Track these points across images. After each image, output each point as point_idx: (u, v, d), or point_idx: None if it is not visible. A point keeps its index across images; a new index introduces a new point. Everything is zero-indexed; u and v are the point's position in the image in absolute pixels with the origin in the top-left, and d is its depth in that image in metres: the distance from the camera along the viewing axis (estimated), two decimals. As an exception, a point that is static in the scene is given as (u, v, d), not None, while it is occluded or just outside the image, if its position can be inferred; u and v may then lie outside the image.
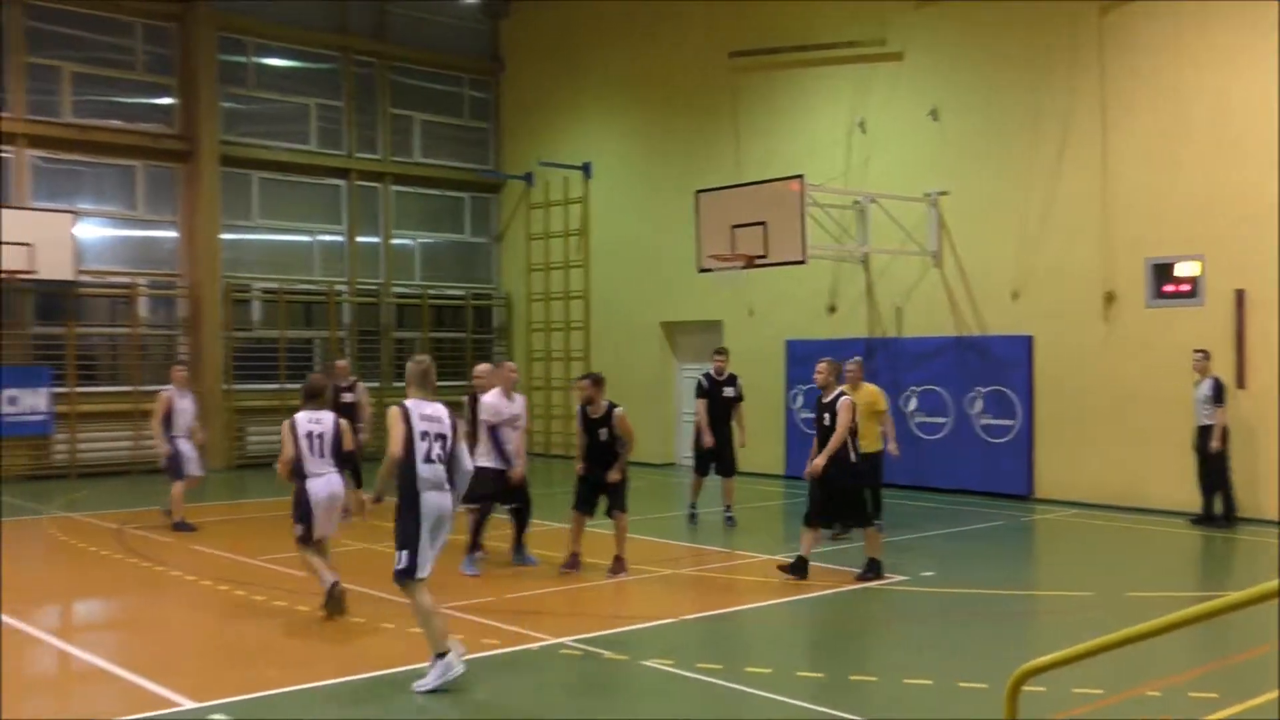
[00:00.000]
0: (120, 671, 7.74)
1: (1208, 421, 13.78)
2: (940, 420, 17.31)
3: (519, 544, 11.62)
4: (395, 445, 7.49)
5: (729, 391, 14.44)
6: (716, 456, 14.30)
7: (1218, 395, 13.73)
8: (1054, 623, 9.59)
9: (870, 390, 12.92)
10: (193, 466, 14.13)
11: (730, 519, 14.29)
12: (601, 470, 10.95)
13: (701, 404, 14.40)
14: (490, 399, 11.27)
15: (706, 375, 14.60)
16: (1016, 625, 9.46)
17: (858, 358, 13.34)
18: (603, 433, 10.92)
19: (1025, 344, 16.46)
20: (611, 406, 10.93)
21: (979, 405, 16.90)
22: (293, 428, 9.37)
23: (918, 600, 10.13)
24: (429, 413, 7.65)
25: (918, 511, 15.22)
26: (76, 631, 9.70)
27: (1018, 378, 16.49)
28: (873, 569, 10.69)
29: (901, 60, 18.02)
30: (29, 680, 8.04)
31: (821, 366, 10.91)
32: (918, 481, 17.11)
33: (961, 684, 7.35)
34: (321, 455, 9.38)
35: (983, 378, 16.87)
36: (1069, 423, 16.03)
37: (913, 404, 17.54)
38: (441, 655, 7.28)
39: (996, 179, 16.85)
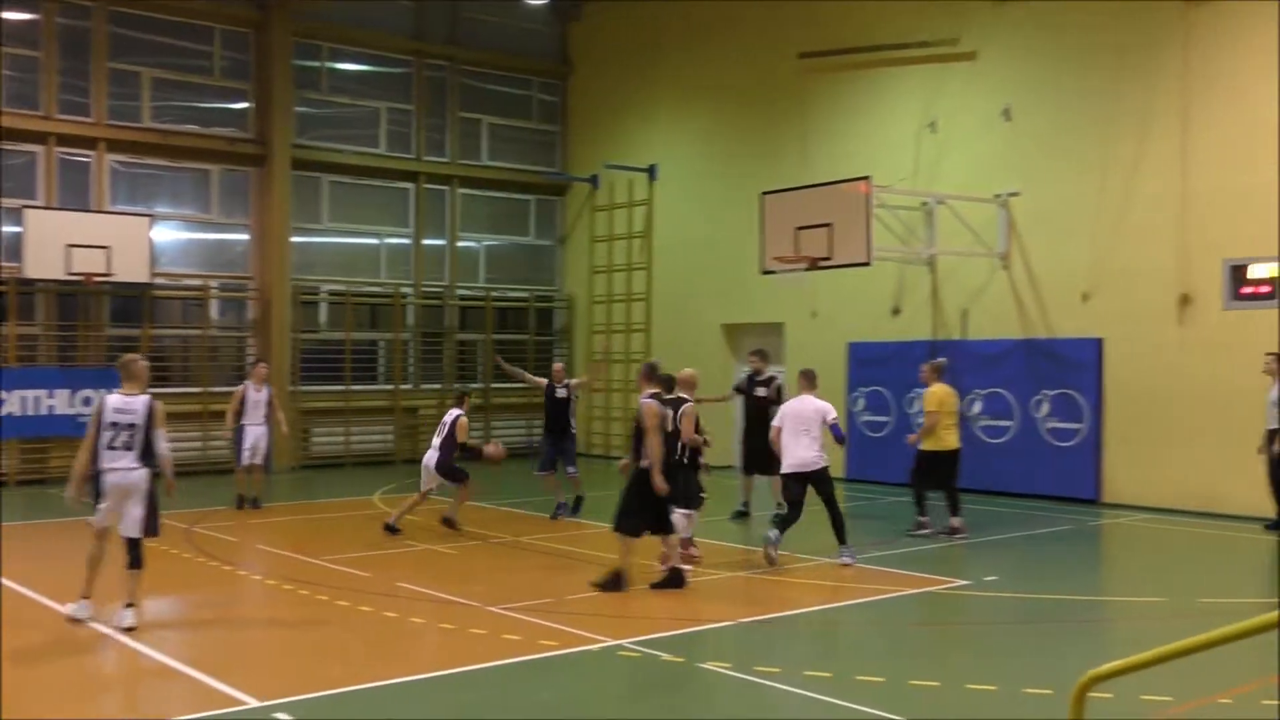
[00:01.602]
0: (187, 669, 7.85)
1: (1276, 425, 13.47)
2: (1006, 424, 17.06)
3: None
4: (88, 435, 9.09)
5: (761, 391, 14.64)
6: (760, 456, 14.07)
7: None
8: (1122, 629, 9.40)
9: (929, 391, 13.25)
10: (245, 455, 15.76)
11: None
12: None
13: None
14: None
15: (748, 374, 14.99)
16: (1083, 631, 9.27)
17: (939, 360, 14.19)
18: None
19: (1095, 347, 16.17)
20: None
21: (1045, 409, 16.62)
22: None
23: (981, 605, 9.99)
24: (120, 405, 9.07)
25: (982, 515, 15.00)
26: (146, 629, 9.87)
27: (1086, 381, 16.20)
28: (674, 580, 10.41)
29: (975, 60, 17.79)
30: (100, 678, 8.22)
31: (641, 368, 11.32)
32: (983, 485, 16.87)
33: (1026, 690, 7.22)
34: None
35: (1050, 381, 16.60)
36: (1140, 426, 15.71)
37: (978, 407, 17.30)
38: (87, 598, 9.11)
39: (1069, 179, 16.57)
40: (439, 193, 23.94)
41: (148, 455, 9.09)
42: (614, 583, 10.24)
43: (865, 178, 16.02)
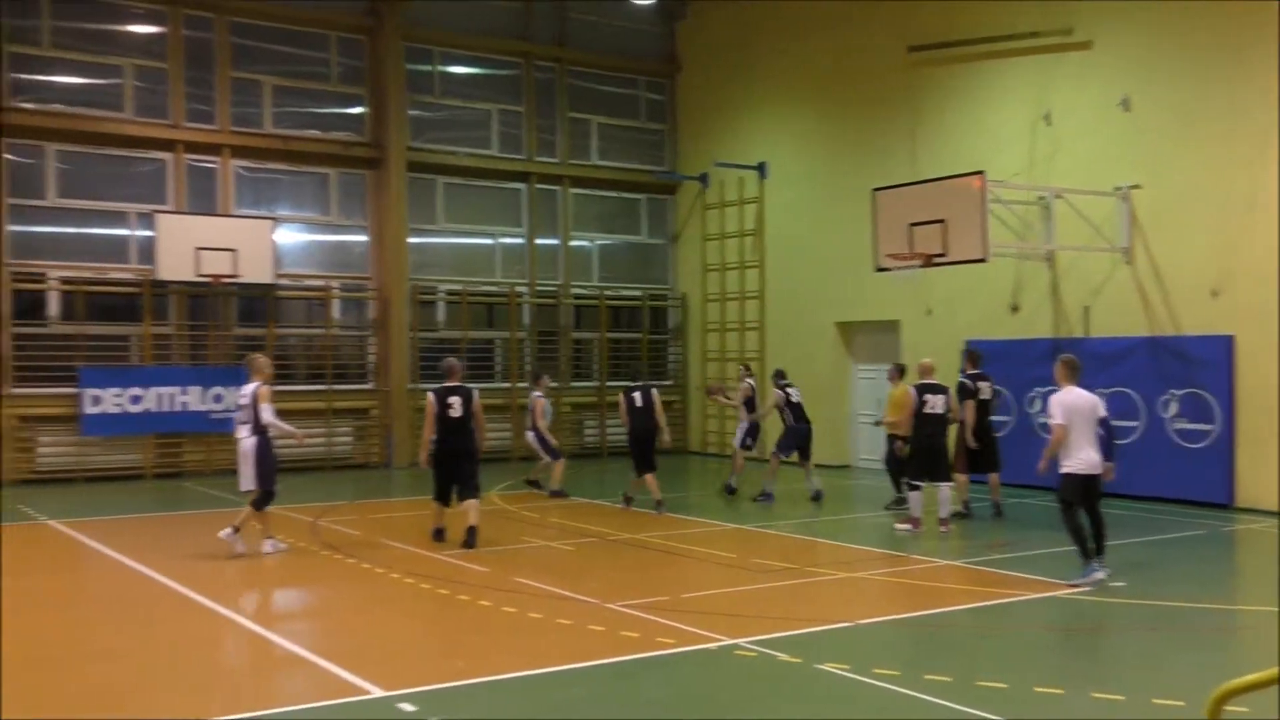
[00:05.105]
0: (316, 659, 8.11)
1: None
2: (1130, 424, 16.58)
3: None
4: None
5: (984, 389, 15.02)
6: (982, 455, 14.99)
7: None
8: (1257, 640, 9.05)
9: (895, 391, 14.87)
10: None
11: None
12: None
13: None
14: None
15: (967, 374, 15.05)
16: (1215, 641, 8.97)
17: (899, 363, 15.92)
18: None
19: (1225, 344, 15.61)
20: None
21: (1173, 409, 16.12)
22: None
23: (1107, 611, 9.74)
24: (244, 391, 12.19)
25: (1107, 519, 14.59)
26: (276, 619, 10.22)
27: (1217, 380, 15.64)
28: None
29: (1090, 49, 17.34)
30: (234, 666, 8.53)
31: None
32: (1108, 488, 16.33)
33: (1156, 700, 7.03)
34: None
35: (1177, 380, 16.07)
36: (1277, 428, 15.10)
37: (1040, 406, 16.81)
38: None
39: (1194, 170, 16.03)
40: (550, 193, 24.21)
41: (260, 428, 12.00)
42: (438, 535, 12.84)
43: (979, 172, 15.76)
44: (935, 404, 13.68)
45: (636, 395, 15.72)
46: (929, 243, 15.96)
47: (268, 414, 12.05)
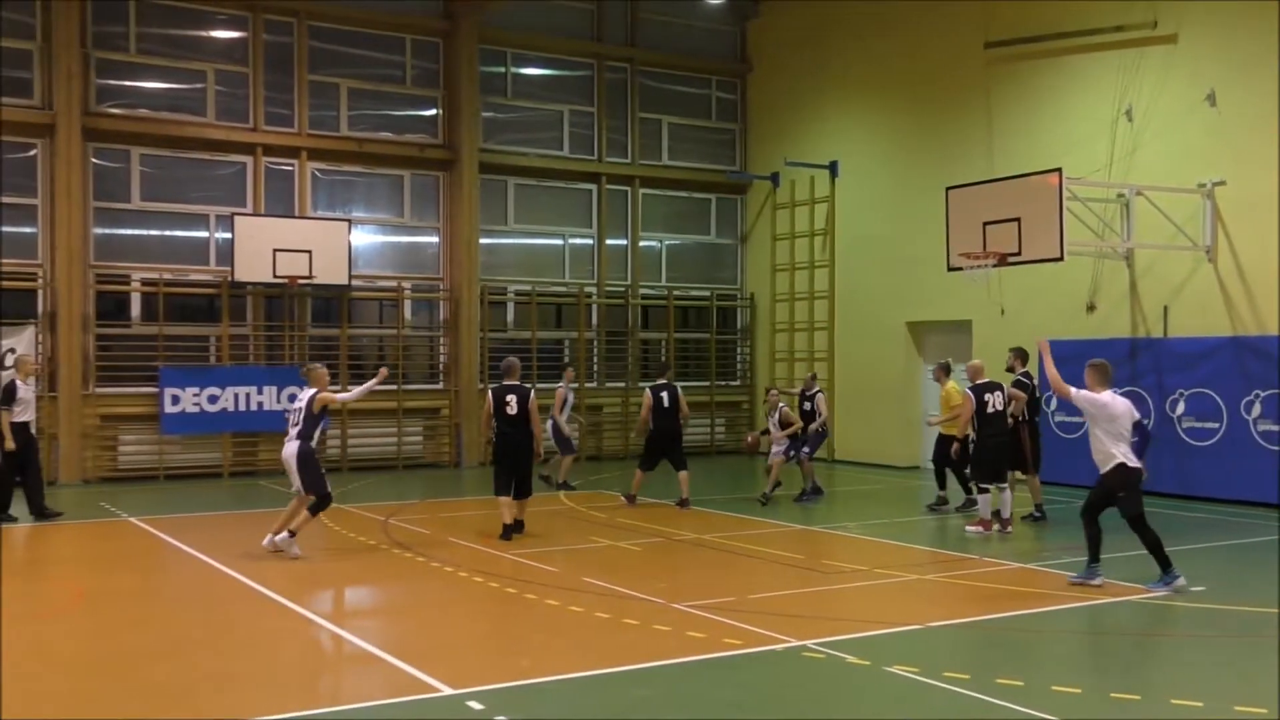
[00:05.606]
0: (386, 656, 8.18)
1: None
2: (1212, 426, 16.18)
3: None
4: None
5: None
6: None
7: None
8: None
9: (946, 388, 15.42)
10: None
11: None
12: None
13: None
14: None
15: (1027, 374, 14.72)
16: (1300, 649, 8.71)
17: (944, 361, 15.96)
18: None
19: (1312, 344, 15.18)
20: None
21: (1258, 410, 15.70)
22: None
23: (1187, 615, 9.51)
24: (301, 396, 12.19)
25: (1187, 522, 14.29)
26: (347, 616, 10.35)
27: (1303, 381, 15.22)
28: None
29: (1175, 43, 16.95)
30: (302, 661, 8.65)
31: None
32: (1188, 490, 16.07)
33: (1238, 708, 6.84)
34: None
35: (1262, 380, 15.65)
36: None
37: (1180, 408, 16.46)
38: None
39: (1280, 166, 15.61)
40: (620, 193, 24.24)
41: (305, 434, 11.88)
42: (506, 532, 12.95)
43: (1056, 170, 15.50)
44: (995, 402, 13.74)
45: (664, 395, 15.70)
46: (1003, 242, 15.74)
47: (345, 395, 13.31)
